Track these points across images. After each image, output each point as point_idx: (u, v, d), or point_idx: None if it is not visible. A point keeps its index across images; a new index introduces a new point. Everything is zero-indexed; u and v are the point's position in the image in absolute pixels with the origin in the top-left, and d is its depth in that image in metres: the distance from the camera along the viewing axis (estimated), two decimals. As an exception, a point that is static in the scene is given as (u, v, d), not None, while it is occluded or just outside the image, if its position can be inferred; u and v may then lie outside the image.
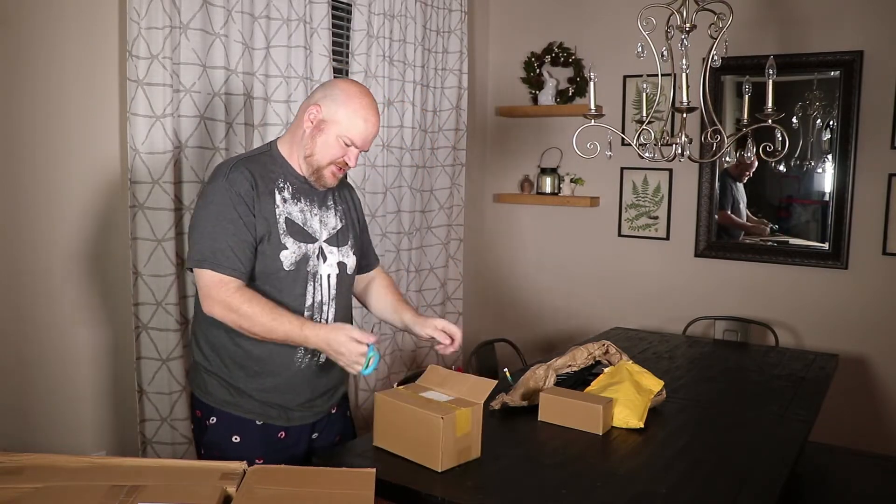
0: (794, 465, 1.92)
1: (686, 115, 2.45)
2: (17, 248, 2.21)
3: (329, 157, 1.82)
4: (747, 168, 3.59)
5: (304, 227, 1.85)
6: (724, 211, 3.67)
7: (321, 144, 1.81)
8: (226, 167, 1.80)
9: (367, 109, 1.82)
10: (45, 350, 2.29)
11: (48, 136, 2.25)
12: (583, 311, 4.07)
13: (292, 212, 1.83)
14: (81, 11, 2.30)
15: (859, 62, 3.28)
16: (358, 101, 1.81)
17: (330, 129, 1.81)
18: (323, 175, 1.85)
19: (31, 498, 1.38)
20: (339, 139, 1.81)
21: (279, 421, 1.88)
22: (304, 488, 1.46)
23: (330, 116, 1.80)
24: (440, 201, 3.80)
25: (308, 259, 1.84)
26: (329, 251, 1.89)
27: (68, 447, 2.33)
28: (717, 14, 2.34)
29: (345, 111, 1.80)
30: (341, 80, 1.91)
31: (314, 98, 1.84)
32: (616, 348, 2.39)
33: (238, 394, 1.85)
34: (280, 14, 2.81)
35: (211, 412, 1.87)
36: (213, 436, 1.86)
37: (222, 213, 1.73)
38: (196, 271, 1.75)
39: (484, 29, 4.20)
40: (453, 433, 1.73)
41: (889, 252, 3.30)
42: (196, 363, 1.92)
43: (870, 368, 3.38)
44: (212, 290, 1.73)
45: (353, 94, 1.82)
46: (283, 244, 1.80)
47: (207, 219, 1.74)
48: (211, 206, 1.75)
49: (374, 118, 1.84)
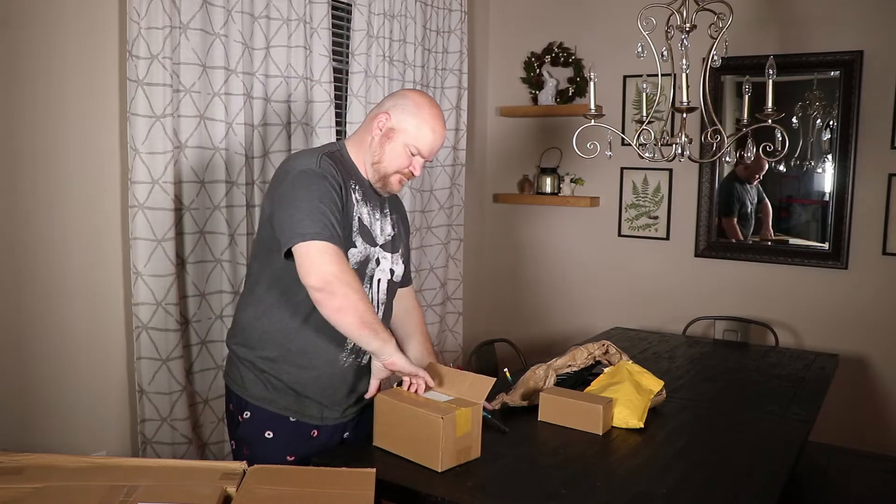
0: (794, 465, 1.93)
1: (686, 115, 2.45)
2: (16, 247, 2.20)
3: (396, 166, 1.85)
4: (758, 170, 3.57)
5: (371, 230, 1.87)
6: (730, 219, 3.64)
7: (389, 152, 1.84)
8: (314, 156, 1.78)
9: (435, 120, 1.85)
10: (44, 350, 2.29)
11: (48, 136, 2.25)
12: (583, 311, 4.07)
13: (363, 213, 1.86)
14: (81, 11, 2.30)
15: (859, 62, 3.28)
16: (427, 112, 1.85)
17: (398, 137, 1.84)
18: (389, 182, 1.87)
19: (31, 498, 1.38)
20: (406, 148, 1.84)
21: (313, 420, 1.89)
22: (304, 488, 1.46)
23: (399, 125, 1.84)
24: (440, 201, 3.80)
25: (369, 261, 1.87)
26: (383, 256, 1.92)
27: (68, 447, 2.32)
28: (717, 14, 2.34)
29: (414, 121, 1.83)
30: (412, 90, 1.94)
31: (384, 106, 1.88)
32: (616, 348, 2.39)
33: (274, 388, 1.86)
34: (280, 14, 2.81)
35: (245, 406, 1.88)
36: (246, 430, 1.88)
37: (322, 194, 1.71)
38: (303, 245, 1.66)
39: (484, 29, 4.20)
40: (453, 433, 1.73)
41: (889, 252, 3.30)
42: (234, 355, 1.92)
43: (870, 368, 3.38)
44: (329, 257, 1.65)
45: (422, 104, 1.86)
46: (353, 242, 1.82)
47: (311, 196, 1.70)
48: (311, 186, 1.72)
49: (442, 129, 1.87)
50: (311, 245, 1.67)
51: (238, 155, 2.70)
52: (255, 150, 2.78)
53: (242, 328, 1.91)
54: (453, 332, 3.94)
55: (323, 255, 1.66)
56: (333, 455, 1.86)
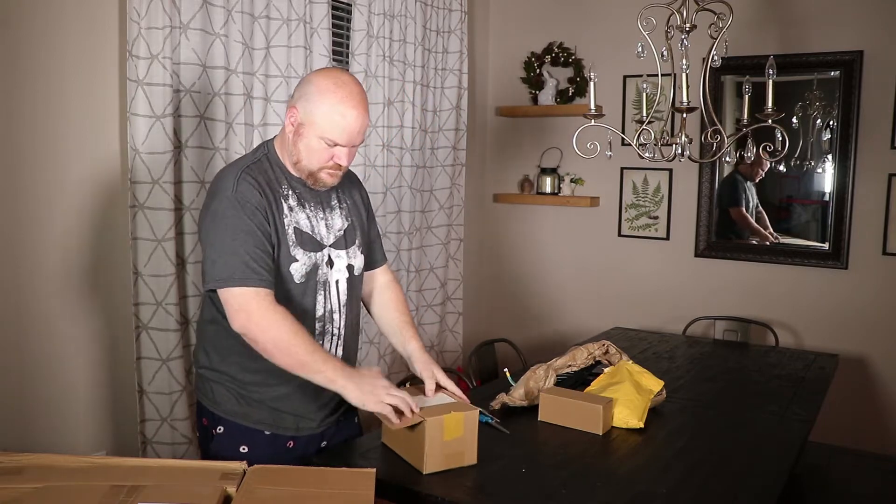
0: (794, 465, 1.92)
1: (686, 115, 2.46)
2: (16, 247, 2.20)
3: (317, 162, 1.72)
4: (759, 167, 3.58)
5: (313, 235, 1.78)
6: (739, 208, 3.64)
7: (304, 150, 1.72)
8: (231, 178, 1.70)
9: (343, 104, 1.67)
10: (45, 350, 2.29)
11: (48, 136, 2.25)
12: (583, 310, 4.07)
13: (300, 220, 1.76)
14: (81, 11, 2.30)
15: (859, 62, 3.28)
16: (332, 96, 1.67)
17: (309, 131, 1.70)
18: (319, 178, 1.76)
19: (31, 498, 1.38)
20: (320, 140, 1.69)
21: (289, 431, 1.84)
22: (304, 488, 1.46)
23: (306, 118, 1.69)
24: (440, 201, 3.80)
25: (317, 268, 1.78)
26: (337, 256, 1.83)
27: (68, 447, 2.32)
28: (717, 14, 2.34)
29: (320, 110, 1.67)
30: (317, 73, 1.74)
31: (292, 98, 1.74)
32: (616, 348, 2.39)
33: (247, 403, 1.80)
34: (280, 14, 2.81)
35: (218, 421, 1.82)
36: (221, 445, 1.82)
37: (238, 226, 1.65)
38: (224, 291, 1.65)
39: (484, 29, 4.20)
40: (440, 436, 1.70)
41: (889, 252, 3.30)
42: (202, 372, 1.86)
43: (870, 368, 3.38)
44: (249, 305, 1.63)
45: (326, 88, 1.67)
46: (293, 256, 1.73)
47: (224, 234, 1.65)
48: (225, 221, 1.66)
49: (354, 110, 1.68)
50: (229, 292, 1.65)
51: (238, 155, 2.70)
52: (255, 150, 2.78)
53: (205, 352, 1.84)
54: (453, 332, 3.94)
55: (237, 301, 1.63)
56: (333, 455, 1.86)
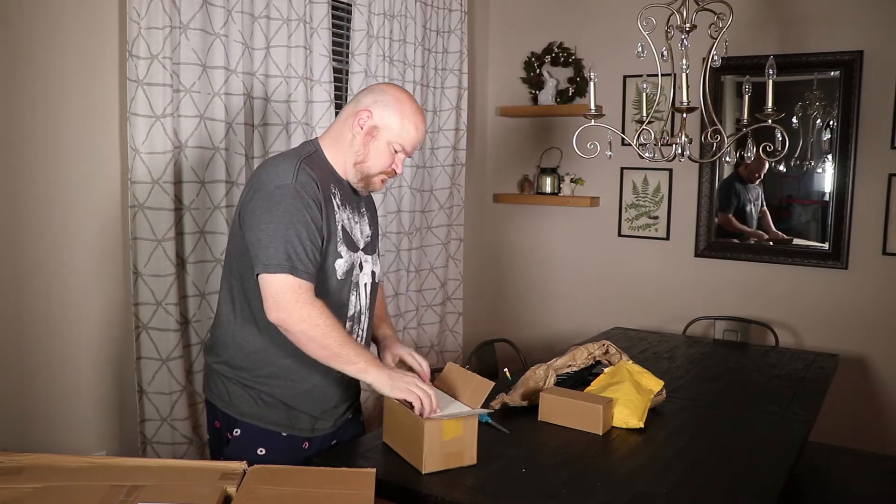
0: (794, 465, 1.92)
1: (686, 115, 2.46)
2: (16, 247, 2.20)
3: (381, 165, 1.80)
4: (758, 169, 3.57)
5: (352, 235, 1.82)
6: (726, 214, 3.66)
7: (373, 151, 1.78)
8: (290, 167, 1.71)
9: (417, 116, 1.80)
10: (45, 350, 2.29)
11: (48, 136, 2.25)
12: (583, 311, 4.07)
13: (345, 220, 1.79)
14: (81, 11, 2.30)
15: (859, 62, 3.28)
16: (409, 107, 1.79)
17: (382, 135, 1.77)
18: (372, 182, 1.82)
19: (31, 498, 1.38)
20: (389, 146, 1.78)
21: (305, 432, 1.85)
22: (304, 488, 1.46)
23: (382, 122, 1.77)
24: (440, 201, 3.80)
25: (354, 268, 1.82)
26: (365, 260, 1.86)
27: (68, 447, 2.32)
28: (717, 14, 2.34)
29: (397, 117, 1.77)
30: (390, 84, 1.86)
31: (363, 103, 1.79)
32: (616, 348, 2.39)
33: (265, 404, 1.80)
34: (280, 14, 2.81)
35: (234, 424, 1.81)
36: (237, 448, 1.80)
37: (295, 216, 1.66)
38: (267, 276, 1.65)
39: (484, 29, 4.20)
40: (439, 436, 1.71)
41: (889, 252, 3.30)
42: (217, 367, 1.84)
43: (870, 368, 3.38)
44: (287, 295, 1.64)
45: (404, 100, 1.79)
46: (339, 252, 1.76)
47: (280, 220, 1.65)
48: (281, 208, 1.66)
49: (424, 125, 1.83)
50: (272, 279, 1.64)
51: (238, 155, 2.70)
52: (255, 150, 2.78)
53: (225, 346, 1.83)
54: (453, 332, 3.94)
55: (279, 289, 1.64)
56: (333, 455, 1.86)
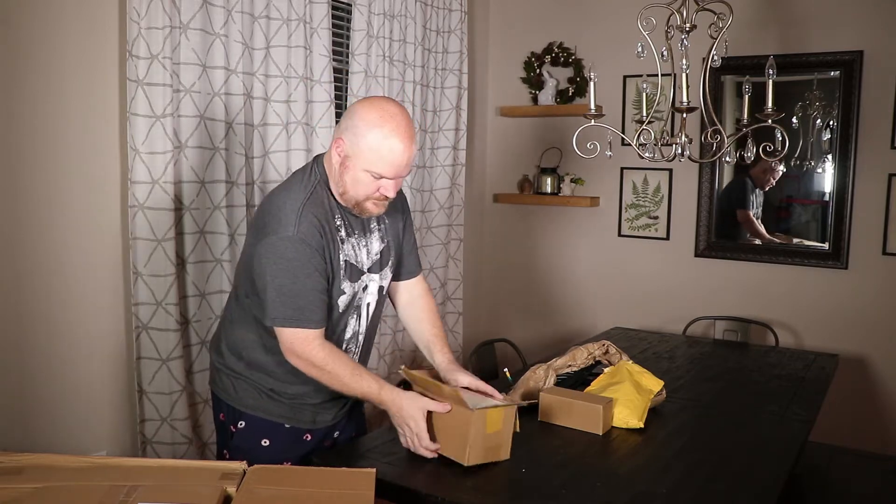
0: (794, 465, 1.92)
1: (686, 115, 2.45)
2: (16, 248, 2.20)
3: (364, 193, 1.73)
4: (772, 175, 3.53)
5: (356, 264, 1.82)
6: (746, 211, 3.62)
7: (351, 182, 1.72)
8: (292, 214, 1.69)
9: (390, 139, 1.66)
10: (45, 350, 2.29)
11: (48, 136, 2.25)
12: (583, 311, 4.07)
13: (349, 252, 1.80)
14: (81, 11, 2.30)
15: (859, 62, 3.28)
16: (378, 131, 1.65)
17: (355, 164, 1.69)
18: (365, 208, 1.77)
19: (31, 498, 1.38)
20: (367, 173, 1.69)
21: (306, 424, 1.88)
22: (304, 488, 1.46)
23: (352, 151, 1.69)
24: (440, 201, 3.80)
25: (356, 295, 1.84)
26: (370, 279, 1.87)
27: (68, 447, 2.32)
28: (717, 14, 2.34)
29: (366, 143, 1.67)
30: (363, 103, 1.73)
31: (340, 128, 1.73)
32: (616, 348, 2.39)
33: (269, 398, 1.85)
34: (280, 14, 2.81)
35: (239, 416, 1.86)
36: (242, 440, 1.86)
37: (301, 269, 1.69)
38: (278, 329, 1.74)
39: (484, 29, 4.20)
40: (483, 429, 1.71)
41: (889, 252, 3.30)
42: (221, 369, 1.90)
43: (870, 368, 3.38)
44: (296, 346, 1.73)
45: (372, 122, 1.66)
46: (342, 290, 1.80)
47: (285, 275, 1.69)
48: (286, 262, 1.69)
49: (401, 144, 1.67)
50: (283, 331, 1.74)
51: (238, 155, 2.70)
52: (255, 150, 2.78)
53: (231, 350, 1.88)
54: (453, 332, 3.94)
55: (289, 340, 1.73)
56: (333, 455, 1.86)
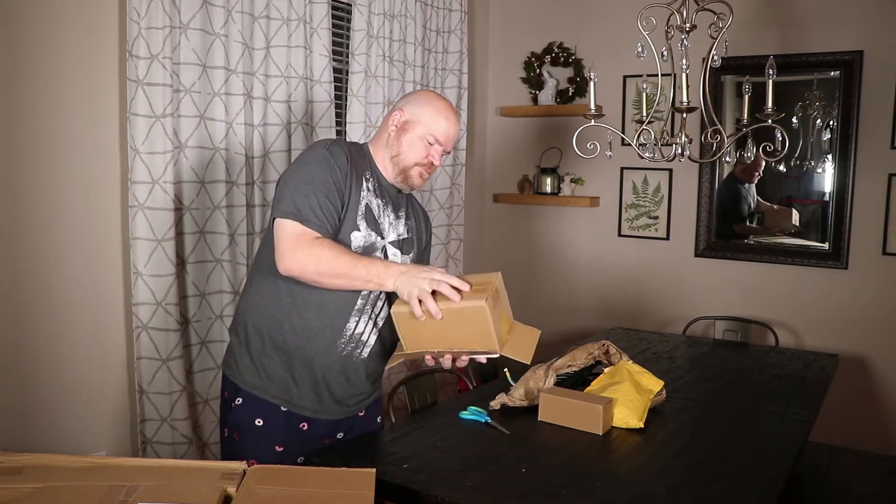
0: (794, 465, 1.92)
1: (686, 115, 2.45)
2: (16, 248, 2.20)
3: (415, 157, 1.90)
4: (755, 168, 3.57)
5: (378, 220, 1.90)
6: (743, 224, 3.65)
7: (406, 144, 1.89)
8: (327, 140, 1.89)
9: (448, 110, 1.93)
10: (44, 350, 2.29)
11: (48, 136, 2.25)
12: (583, 311, 4.07)
13: (372, 202, 1.89)
14: (81, 11, 2.30)
15: (859, 62, 3.28)
16: (439, 103, 1.93)
17: (414, 129, 1.89)
18: (410, 175, 1.91)
19: (31, 498, 1.38)
20: (422, 139, 1.89)
21: (305, 411, 1.90)
22: (304, 488, 1.46)
23: (413, 117, 1.90)
24: (440, 201, 3.80)
25: (374, 250, 1.88)
26: (393, 253, 1.93)
27: (68, 447, 2.33)
28: (717, 14, 2.34)
29: (427, 111, 1.90)
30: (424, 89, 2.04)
31: (397, 105, 1.96)
32: (616, 348, 2.39)
33: (268, 377, 1.88)
34: (280, 14, 2.81)
35: (238, 393, 1.90)
36: (238, 416, 1.90)
37: (317, 176, 1.78)
38: (279, 222, 1.75)
39: (484, 29, 4.20)
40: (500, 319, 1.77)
41: (889, 252, 3.30)
42: (230, 345, 1.96)
43: (870, 368, 3.38)
44: (292, 241, 1.72)
45: (433, 97, 1.95)
46: (357, 225, 1.85)
47: (301, 179, 1.78)
48: (306, 168, 1.80)
49: (455, 119, 1.94)
50: (280, 225, 1.75)
51: (238, 155, 2.70)
52: (255, 150, 2.78)
53: (244, 317, 1.93)
54: (453, 332, 3.93)
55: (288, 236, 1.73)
56: (333, 455, 1.86)
